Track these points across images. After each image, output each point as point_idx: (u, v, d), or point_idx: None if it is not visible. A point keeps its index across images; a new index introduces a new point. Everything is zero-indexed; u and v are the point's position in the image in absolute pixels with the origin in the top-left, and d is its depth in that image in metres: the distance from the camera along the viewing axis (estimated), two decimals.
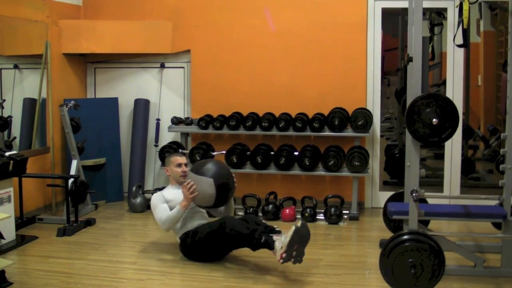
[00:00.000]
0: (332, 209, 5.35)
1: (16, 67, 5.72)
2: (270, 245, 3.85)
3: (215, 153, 5.79)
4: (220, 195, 4.16)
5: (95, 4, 6.28)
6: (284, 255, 3.74)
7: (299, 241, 3.76)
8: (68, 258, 4.38)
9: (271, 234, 3.92)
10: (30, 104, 5.72)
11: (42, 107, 5.69)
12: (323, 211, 5.42)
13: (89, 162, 5.86)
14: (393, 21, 6.97)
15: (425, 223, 4.38)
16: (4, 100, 5.54)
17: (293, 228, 3.77)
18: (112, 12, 6.23)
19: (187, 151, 5.80)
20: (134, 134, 6.22)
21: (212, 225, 4.17)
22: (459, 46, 4.13)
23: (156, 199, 4.38)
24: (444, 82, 5.91)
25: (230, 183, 4.23)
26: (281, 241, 3.78)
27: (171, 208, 4.27)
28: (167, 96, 6.30)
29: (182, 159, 4.55)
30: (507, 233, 3.79)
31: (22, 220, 5.15)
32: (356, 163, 5.41)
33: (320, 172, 5.59)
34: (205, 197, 4.15)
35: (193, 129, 5.93)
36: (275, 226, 4.12)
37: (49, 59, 5.67)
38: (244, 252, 4.34)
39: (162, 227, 4.28)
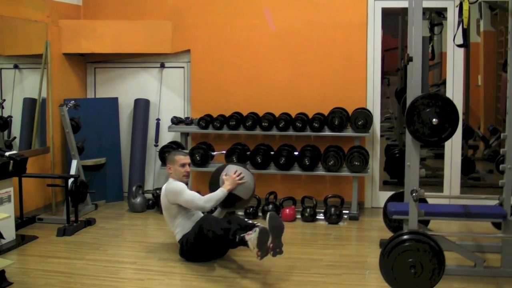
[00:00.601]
0: (332, 209, 5.35)
1: (16, 67, 5.72)
2: (245, 243, 3.90)
3: (215, 153, 5.79)
4: (254, 192, 4.59)
5: (95, 4, 6.28)
6: (259, 253, 3.78)
7: (272, 233, 3.78)
8: (68, 258, 4.38)
9: (243, 234, 3.93)
10: (30, 104, 5.72)
11: (42, 107, 5.69)
12: (323, 211, 5.42)
13: (89, 162, 5.86)
14: (393, 21, 6.98)
15: (425, 223, 4.39)
16: (4, 100, 5.54)
17: (257, 229, 3.80)
18: (112, 12, 6.23)
19: (187, 151, 5.79)
20: (134, 134, 6.22)
21: (194, 229, 4.20)
22: (459, 46, 4.13)
23: (179, 186, 4.35)
24: (444, 82, 5.91)
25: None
26: (251, 242, 3.82)
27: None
28: (167, 96, 6.30)
29: (186, 159, 4.53)
30: (507, 233, 3.80)
31: (22, 220, 5.15)
32: (356, 163, 5.41)
33: (320, 172, 5.59)
34: (247, 187, 4.45)
35: (193, 129, 5.93)
36: (255, 222, 4.16)
37: (49, 59, 5.66)
38: (243, 251, 4.34)
39: (205, 205, 4.24)
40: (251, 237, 3.83)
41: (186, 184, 4.59)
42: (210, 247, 4.16)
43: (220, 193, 4.27)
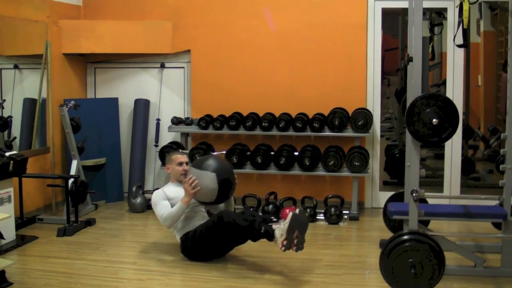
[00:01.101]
0: (332, 209, 5.35)
1: (16, 67, 5.72)
2: (270, 235, 3.86)
3: (215, 153, 5.79)
4: (222, 190, 4.18)
5: (95, 4, 6.28)
6: (285, 242, 3.75)
7: (299, 227, 3.77)
8: (68, 258, 4.38)
9: (270, 224, 3.93)
10: (30, 104, 5.72)
11: (42, 107, 5.69)
12: (323, 211, 5.42)
13: (89, 162, 5.86)
14: (393, 21, 6.98)
15: (425, 223, 4.39)
16: (4, 100, 5.54)
17: (291, 214, 3.78)
18: (112, 12, 6.23)
19: (187, 151, 5.80)
20: (134, 134, 6.22)
21: (210, 220, 4.16)
22: (459, 46, 4.12)
23: (157, 196, 4.37)
24: (444, 82, 5.91)
25: (231, 179, 4.27)
26: (280, 229, 3.79)
27: (172, 205, 4.26)
28: (167, 96, 6.30)
29: (183, 158, 4.54)
30: (507, 233, 3.79)
31: (22, 220, 5.16)
32: (356, 163, 5.42)
33: (320, 172, 5.59)
34: (208, 192, 4.16)
35: (193, 129, 5.93)
36: (272, 217, 4.15)
37: (49, 59, 5.66)
38: (244, 251, 4.34)
39: (163, 224, 4.26)
40: (281, 224, 3.82)
41: None
42: (224, 238, 4.08)
43: (176, 209, 4.18)
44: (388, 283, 3.44)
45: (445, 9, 5.79)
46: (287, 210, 5.41)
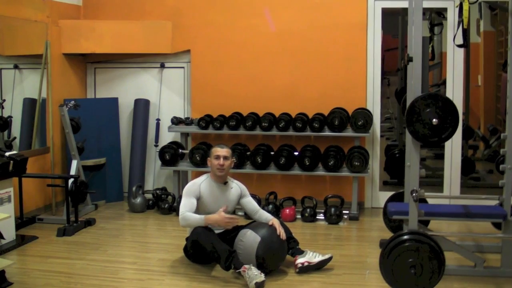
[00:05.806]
0: (332, 209, 5.35)
1: (16, 67, 5.72)
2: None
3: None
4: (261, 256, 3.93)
5: (95, 4, 6.28)
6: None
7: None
8: (68, 258, 4.38)
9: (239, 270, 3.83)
10: (30, 104, 5.72)
11: (42, 107, 5.69)
12: (323, 211, 5.42)
13: (89, 162, 5.86)
14: (393, 21, 6.98)
15: (425, 223, 4.39)
16: (4, 100, 5.54)
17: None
18: (112, 12, 6.23)
19: (186, 151, 5.80)
20: (134, 134, 6.22)
21: (191, 236, 4.09)
22: (459, 46, 4.13)
23: (190, 189, 4.16)
24: (444, 82, 5.91)
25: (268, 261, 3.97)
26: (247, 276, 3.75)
27: (199, 204, 4.12)
28: (167, 96, 6.30)
29: (222, 152, 4.22)
30: (507, 233, 3.80)
31: (22, 220, 5.16)
32: (356, 163, 5.41)
33: (320, 172, 5.59)
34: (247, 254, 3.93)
35: (193, 129, 5.93)
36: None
37: (49, 59, 5.66)
38: None
39: (179, 220, 4.08)
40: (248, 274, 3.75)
41: (223, 178, 4.27)
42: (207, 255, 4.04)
43: (196, 219, 4.01)
44: (388, 283, 3.44)
45: (445, 9, 5.79)
46: (287, 210, 5.42)
